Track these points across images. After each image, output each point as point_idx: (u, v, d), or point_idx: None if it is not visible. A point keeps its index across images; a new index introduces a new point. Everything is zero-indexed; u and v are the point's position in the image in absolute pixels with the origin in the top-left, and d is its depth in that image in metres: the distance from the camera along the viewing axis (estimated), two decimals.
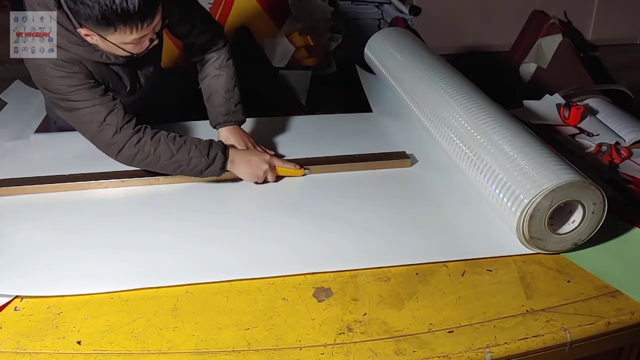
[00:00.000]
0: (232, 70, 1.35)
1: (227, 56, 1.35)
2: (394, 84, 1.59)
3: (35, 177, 1.25)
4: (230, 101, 1.33)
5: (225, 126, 1.33)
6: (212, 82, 1.34)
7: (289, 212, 1.15)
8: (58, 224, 1.13)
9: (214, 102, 1.33)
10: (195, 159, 1.18)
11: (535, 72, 2.69)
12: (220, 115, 1.32)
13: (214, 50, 1.34)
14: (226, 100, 1.32)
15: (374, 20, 2.92)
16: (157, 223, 1.13)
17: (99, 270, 0.99)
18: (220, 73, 1.33)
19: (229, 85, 1.33)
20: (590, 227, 1.01)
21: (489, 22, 3.16)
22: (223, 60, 1.34)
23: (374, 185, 1.25)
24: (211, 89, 1.34)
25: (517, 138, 1.10)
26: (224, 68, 1.34)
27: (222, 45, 1.35)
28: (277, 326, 0.87)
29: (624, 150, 1.36)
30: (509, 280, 0.98)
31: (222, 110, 1.32)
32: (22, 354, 0.82)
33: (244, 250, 1.04)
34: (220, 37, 1.36)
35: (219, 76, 1.33)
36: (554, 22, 2.68)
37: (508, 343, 0.84)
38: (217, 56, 1.34)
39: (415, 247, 1.05)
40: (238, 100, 1.34)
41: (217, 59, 1.34)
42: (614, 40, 3.31)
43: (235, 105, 1.33)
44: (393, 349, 0.83)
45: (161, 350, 0.83)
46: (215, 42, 1.34)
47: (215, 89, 1.33)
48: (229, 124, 1.33)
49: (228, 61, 1.35)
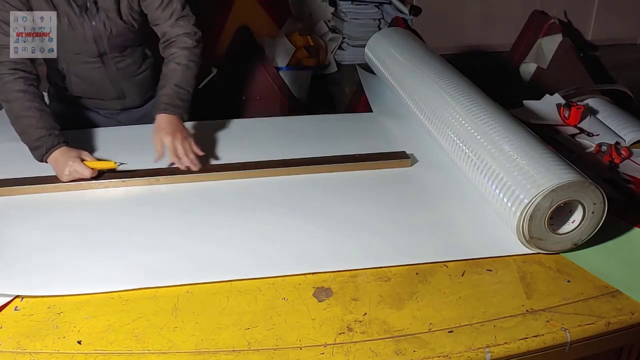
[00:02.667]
0: (191, 71, 1.36)
1: (192, 58, 1.37)
2: (394, 84, 1.59)
3: (35, 177, 1.25)
4: (177, 95, 1.33)
5: (162, 114, 1.31)
6: (168, 74, 1.35)
7: (289, 212, 1.15)
8: (58, 224, 1.13)
9: (162, 91, 1.35)
10: (24, 137, 1.26)
11: (535, 72, 2.69)
12: (162, 103, 1.32)
13: (182, 47, 1.36)
14: (173, 92, 1.33)
15: (374, 20, 2.92)
16: (157, 223, 1.13)
17: (99, 270, 0.99)
18: (178, 68, 1.35)
19: (182, 81, 1.34)
20: (590, 227, 1.01)
21: (489, 22, 3.16)
22: (186, 58, 1.36)
23: (374, 185, 1.25)
24: (165, 79, 1.36)
25: (517, 138, 1.10)
26: (184, 66, 1.35)
27: (191, 46, 1.37)
28: (277, 326, 0.87)
29: (624, 150, 1.36)
30: (509, 280, 0.98)
31: (164, 99, 1.32)
32: (23, 354, 0.82)
33: (244, 250, 1.04)
34: (191, 38, 1.37)
35: (176, 70, 1.35)
36: (554, 22, 2.68)
37: (508, 343, 0.84)
38: (182, 53, 1.36)
39: (416, 247, 1.05)
40: (185, 99, 1.34)
41: (181, 55, 1.36)
42: (614, 40, 3.31)
43: (181, 101, 1.33)
44: (393, 349, 0.83)
45: (161, 350, 0.83)
46: (185, 41, 1.37)
47: (168, 79, 1.34)
48: (166, 112, 1.31)
49: (191, 62, 1.36)
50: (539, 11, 2.81)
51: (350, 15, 2.91)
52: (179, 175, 1.27)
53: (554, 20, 2.69)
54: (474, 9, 3.14)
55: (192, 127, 1.51)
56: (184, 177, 1.26)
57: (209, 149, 1.38)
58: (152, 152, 1.36)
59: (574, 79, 2.44)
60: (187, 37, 1.37)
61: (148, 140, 1.33)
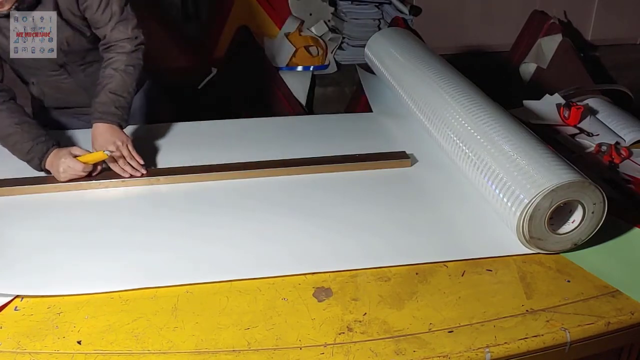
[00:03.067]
0: (130, 76, 1.34)
1: (130, 62, 1.34)
2: (394, 84, 1.59)
3: (35, 177, 1.26)
4: (112, 103, 1.31)
5: (98, 122, 1.30)
6: (103, 80, 1.33)
7: (289, 212, 1.15)
8: (58, 224, 1.13)
9: (97, 98, 1.32)
10: (16, 154, 1.26)
11: (535, 72, 2.69)
12: (97, 112, 1.31)
13: (119, 52, 1.34)
14: (108, 100, 1.31)
15: (374, 20, 2.92)
16: (157, 223, 1.13)
17: (99, 270, 0.99)
18: (114, 75, 1.32)
19: (118, 88, 1.32)
20: (590, 227, 1.01)
21: (489, 22, 3.15)
22: (124, 64, 1.33)
23: (374, 185, 1.25)
24: (100, 86, 1.33)
25: (517, 138, 1.10)
26: (121, 71, 1.33)
27: (129, 50, 1.34)
28: (277, 326, 0.87)
29: (624, 150, 1.36)
30: (509, 280, 0.98)
31: (99, 107, 1.30)
32: (23, 354, 0.82)
33: (244, 250, 1.04)
34: (130, 42, 1.35)
35: (113, 77, 1.32)
36: (554, 22, 2.68)
37: (508, 343, 0.84)
38: (119, 59, 1.34)
39: (415, 247, 1.05)
40: (122, 105, 1.32)
41: (118, 61, 1.33)
42: (614, 40, 3.30)
43: (117, 108, 1.31)
44: (393, 349, 0.83)
45: (161, 350, 0.83)
46: (124, 45, 1.34)
47: (104, 86, 1.32)
48: (102, 121, 1.30)
49: (129, 67, 1.34)
50: (539, 11, 2.81)
51: (350, 15, 2.91)
52: (179, 176, 1.27)
53: (554, 20, 2.69)
54: (474, 9, 3.14)
55: (192, 127, 1.51)
56: (184, 177, 1.26)
57: (209, 149, 1.38)
58: (150, 153, 1.36)
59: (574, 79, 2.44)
60: (126, 42, 1.34)
61: (146, 140, 1.34)
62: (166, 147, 1.41)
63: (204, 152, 1.36)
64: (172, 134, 1.48)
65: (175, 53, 2.63)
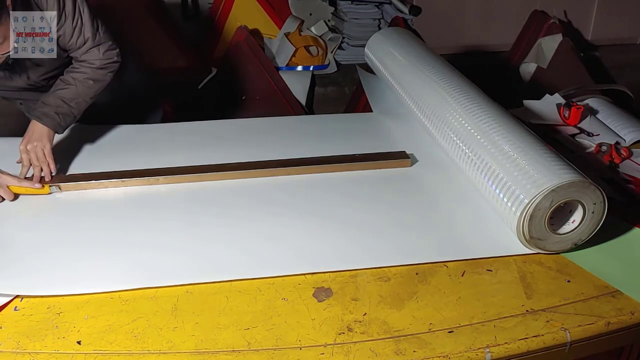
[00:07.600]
0: (86, 89, 1.33)
1: (93, 76, 1.34)
2: (394, 84, 1.59)
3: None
4: (57, 107, 1.30)
5: (35, 120, 1.30)
6: (60, 84, 1.33)
7: (289, 212, 1.15)
8: (58, 224, 1.13)
9: (46, 97, 1.32)
10: None
11: (535, 72, 2.69)
12: (39, 110, 1.30)
13: (86, 66, 1.34)
14: (54, 103, 1.30)
15: (374, 20, 2.92)
16: (157, 223, 1.13)
17: (99, 270, 0.99)
18: (72, 82, 1.33)
19: (67, 95, 1.32)
20: (590, 227, 1.01)
21: (489, 22, 3.16)
22: (84, 76, 1.34)
23: (374, 185, 1.25)
24: (55, 87, 1.33)
25: (517, 138, 1.10)
26: (79, 82, 1.33)
27: (96, 67, 1.35)
28: (277, 326, 0.87)
29: (624, 150, 1.36)
30: (509, 280, 0.98)
31: (42, 107, 1.30)
32: (22, 354, 0.82)
33: (244, 250, 1.04)
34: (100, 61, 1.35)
35: (68, 84, 1.33)
36: (554, 22, 2.69)
37: (508, 343, 0.84)
38: (83, 70, 1.34)
39: (416, 247, 1.05)
40: (64, 112, 1.31)
41: (82, 73, 1.34)
42: (614, 40, 3.31)
43: (57, 114, 1.30)
44: (393, 349, 0.83)
45: (161, 350, 0.83)
46: (92, 62, 1.34)
47: (57, 89, 1.32)
48: (38, 120, 1.29)
49: (89, 80, 1.34)
50: (539, 11, 2.81)
51: (350, 15, 2.91)
52: (178, 176, 1.27)
53: (554, 20, 2.70)
54: (474, 9, 3.14)
55: (192, 127, 1.51)
56: (183, 177, 1.26)
57: (208, 149, 1.38)
58: (151, 152, 1.36)
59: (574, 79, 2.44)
60: (97, 61, 1.35)
61: (147, 140, 1.34)
62: (166, 147, 1.41)
63: (204, 152, 1.36)
64: (172, 134, 1.48)
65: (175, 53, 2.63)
